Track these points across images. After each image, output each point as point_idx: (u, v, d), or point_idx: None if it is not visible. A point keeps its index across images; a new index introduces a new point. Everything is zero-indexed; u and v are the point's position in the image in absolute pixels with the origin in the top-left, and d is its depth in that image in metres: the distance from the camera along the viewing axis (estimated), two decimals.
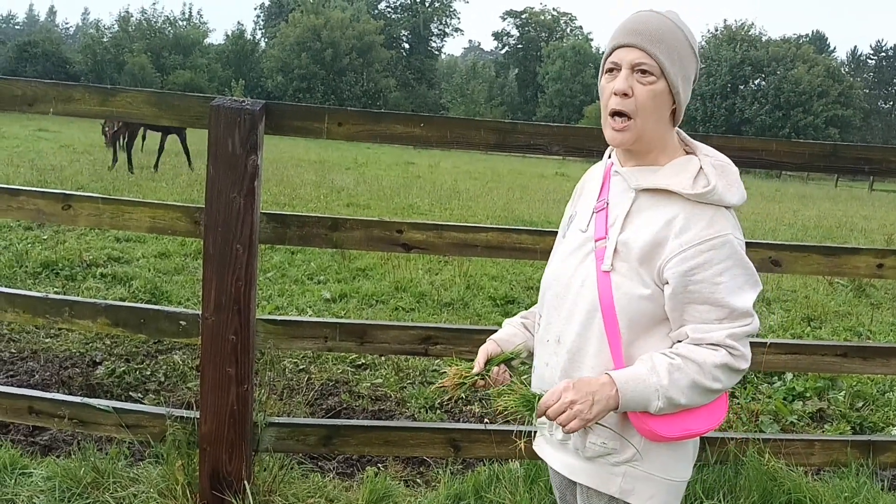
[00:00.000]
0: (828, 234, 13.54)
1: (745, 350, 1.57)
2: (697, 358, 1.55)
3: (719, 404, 1.65)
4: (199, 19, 74.94)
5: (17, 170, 12.75)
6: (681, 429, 1.59)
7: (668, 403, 1.55)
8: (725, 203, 1.59)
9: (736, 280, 1.56)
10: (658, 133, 1.63)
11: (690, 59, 1.62)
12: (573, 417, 1.54)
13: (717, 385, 1.55)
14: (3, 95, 2.72)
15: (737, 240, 1.58)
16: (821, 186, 38.30)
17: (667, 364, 1.55)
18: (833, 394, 4.64)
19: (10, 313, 2.87)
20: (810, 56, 64.32)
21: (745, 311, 1.56)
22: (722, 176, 1.60)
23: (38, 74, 53.39)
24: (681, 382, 1.54)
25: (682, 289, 1.56)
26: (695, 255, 1.54)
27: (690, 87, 1.65)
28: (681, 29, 1.60)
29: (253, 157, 2.55)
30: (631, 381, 1.55)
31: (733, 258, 1.56)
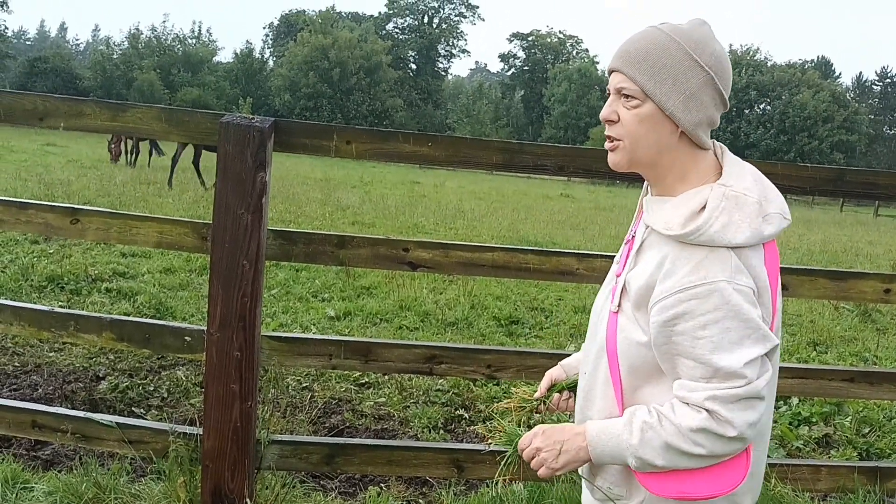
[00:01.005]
0: (833, 258, 13.51)
1: (730, 415, 1.35)
2: (675, 419, 1.39)
3: (730, 469, 1.43)
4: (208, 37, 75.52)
5: (25, 184, 12.81)
6: (675, 490, 1.44)
7: (643, 463, 1.42)
8: (722, 243, 1.36)
9: (727, 335, 1.34)
10: (663, 159, 1.47)
11: (689, 71, 1.41)
12: (540, 465, 1.51)
13: (698, 450, 1.38)
14: (15, 110, 2.74)
15: (733, 287, 1.35)
16: (826, 211, 38.26)
17: (642, 421, 1.42)
18: (839, 419, 4.60)
19: (15, 326, 2.87)
20: (815, 81, 64.59)
21: (733, 372, 1.35)
22: (729, 211, 1.38)
23: (47, 90, 53.82)
24: (653, 443, 1.40)
25: (664, 340, 1.40)
26: (674, 304, 1.37)
27: (702, 103, 1.43)
28: (677, 41, 1.42)
29: (261, 173, 2.56)
30: (603, 435, 1.47)
31: (723, 309, 1.34)
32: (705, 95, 1.43)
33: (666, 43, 1.42)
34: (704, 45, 1.43)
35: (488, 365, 2.85)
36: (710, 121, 1.46)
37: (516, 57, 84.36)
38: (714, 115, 1.46)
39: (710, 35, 1.45)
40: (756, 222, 1.39)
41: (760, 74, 65.49)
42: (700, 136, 1.46)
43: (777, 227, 1.42)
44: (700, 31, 1.44)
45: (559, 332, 6.36)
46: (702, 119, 1.44)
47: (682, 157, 1.47)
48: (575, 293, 7.93)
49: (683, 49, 1.41)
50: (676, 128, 1.44)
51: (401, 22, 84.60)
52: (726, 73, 1.45)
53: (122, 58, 66.88)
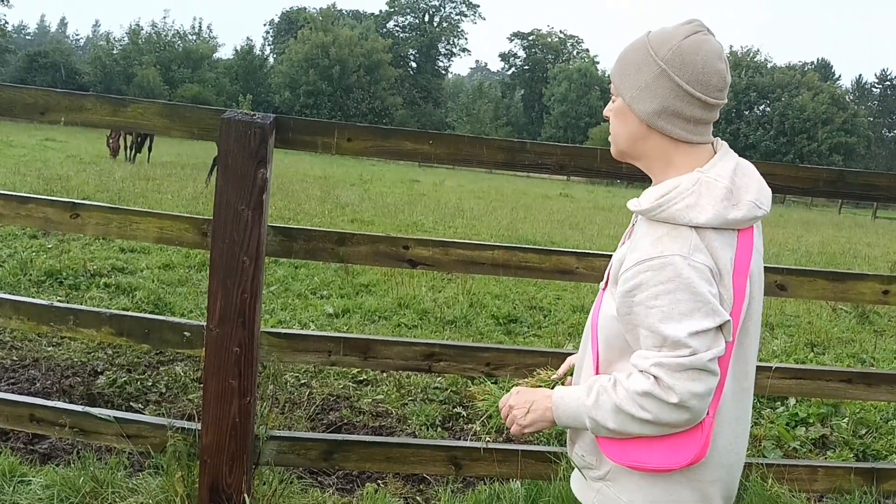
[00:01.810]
0: (831, 260, 13.53)
1: (673, 382, 1.41)
2: (626, 383, 1.47)
3: (683, 443, 1.49)
4: (208, 34, 75.67)
5: (24, 178, 12.81)
6: (628, 458, 1.52)
7: (597, 425, 1.50)
8: (682, 222, 1.45)
9: (677, 305, 1.41)
10: (639, 149, 1.58)
11: (645, 66, 1.51)
12: (512, 421, 1.66)
13: (644, 415, 1.44)
14: (16, 104, 2.74)
15: (688, 263, 1.42)
16: (824, 213, 38.32)
17: (599, 386, 1.51)
18: (836, 420, 4.61)
19: (14, 320, 2.87)
20: (815, 83, 64.66)
21: (678, 341, 1.41)
22: (699, 194, 1.47)
23: (47, 84, 53.75)
24: (606, 405, 1.48)
25: (626, 310, 1.49)
26: (634, 275, 1.46)
27: (654, 94, 1.51)
28: (645, 40, 1.53)
29: (262, 170, 2.56)
30: (566, 398, 1.58)
31: (675, 282, 1.41)
32: (659, 87, 1.50)
33: (637, 43, 1.55)
34: (666, 42, 1.50)
35: (487, 363, 2.86)
36: (675, 111, 1.51)
37: (517, 56, 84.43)
38: (679, 106, 1.50)
39: (684, 32, 1.50)
40: (720, 206, 1.46)
41: (760, 76, 65.54)
42: (665, 126, 1.53)
43: (745, 214, 1.48)
44: (676, 29, 1.52)
45: (558, 331, 6.37)
46: (658, 109, 1.51)
47: (659, 148, 1.56)
48: (574, 292, 7.94)
49: (645, 46, 1.52)
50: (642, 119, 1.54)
51: (401, 20, 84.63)
52: (689, 67, 1.49)
53: (122, 53, 66.87)
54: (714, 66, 1.49)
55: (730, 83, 1.55)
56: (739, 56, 68.65)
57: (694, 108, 1.50)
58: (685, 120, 1.52)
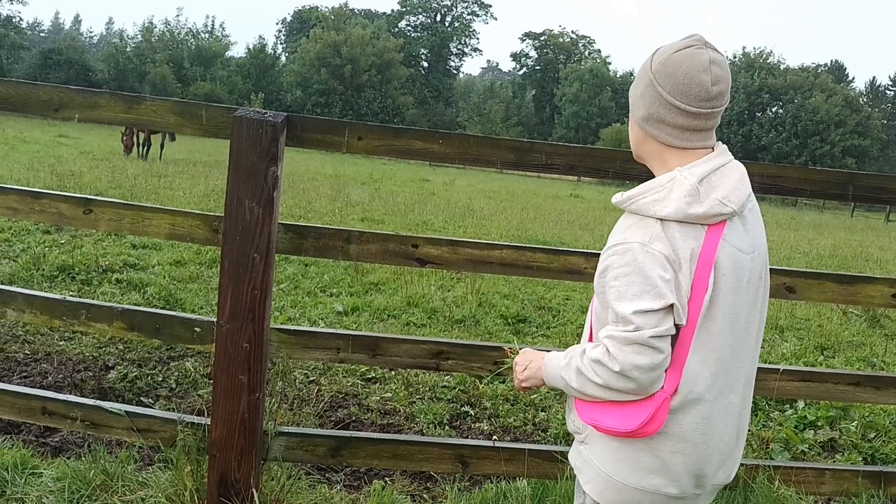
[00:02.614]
0: (843, 263, 13.46)
1: (617, 352, 1.58)
2: (589, 350, 1.66)
3: (634, 411, 1.65)
4: (221, 32, 75.87)
5: (37, 174, 12.90)
6: (590, 416, 1.72)
7: (566, 384, 1.72)
8: (647, 213, 1.63)
9: (630, 287, 1.59)
10: (643, 152, 1.79)
11: (641, 77, 1.72)
12: (514, 377, 1.94)
13: (597, 379, 1.62)
14: (31, 100, 2.77)
15: (646, 250, 1.59)
16: (836, 216, 38.09)
17: (572, 352, 1.72)
18: (845, 424, 4.59)
19: (27, 314, 2.90)
20: (828, 85, 64.24)
21: (625, 317, 1.58)
22: (668, 189, 1.63)
23: (61, 81, 54.10)
24: (571, 367, 1.69)
25: (601, 290, 1.68)
26: (604, 258, 1.67)
27: (645, 101, 1.70)
28: (651, 55, 1.71)
29: (273, 168, 2.58)
30: (552, 360, 1.79)
31: (632, 265, 1.59)
32: (647, 96, 1.70)
33: (645, 60, 1.73)
34: (660, 55, 1.68)
35: (495, 362, 2.87)
36: (659, 118, 1.69)
37: (528, 56, 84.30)
38: (662, 113, 1.68)
39: (677, 46, 1.66)
40: (682, 201, 1.61)
41: (773, 77, 65.19)
42: (651, 130, 1.71)
43: (706, 209, 1.61)
44: (672, 44, 1.68)
45: (566, 331, 6.37)
46: (645, 115, 1.71)
47: (654, 150, 1.75)
48: (583, 293, 7.93)
49: (647, 61, 1.71)
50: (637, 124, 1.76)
51: (413, 20, 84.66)
52: (670, 78, 1.64)
53: (136, 51, 67.21)
54: (696, 77, 1.62)
55: (721, 92, 1.66)
56: (752, 57, 68.30)
57: (676, 115, 1.66)
58: (670, 126, 1.68)
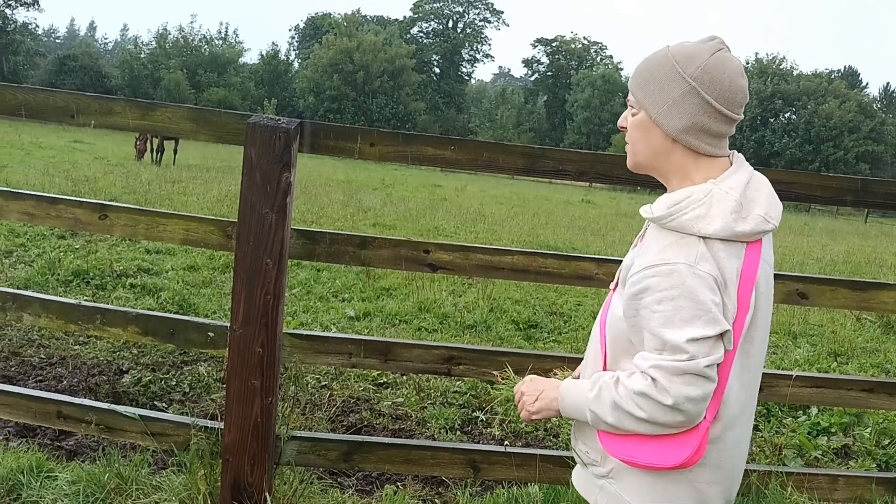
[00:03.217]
0: (857, 269, 13.36)
1: (669, 384, 1.46)
2: (626, 381, 1.53)
3: (677, 444, 1.53)
4: (234, 38, 76.23)
5: (53, 179, 13.02)
6: (623, 452, 1.57)
7: (596, 418, 1.57)
8: (690, 231, 1.50)
9: (679, 312, 1.46)
10: (660, 162, 1.63)
11: (674, 82, 1.55)
12: (521, 408, 1.74)
13: (640, 413, 1.49)
14: (48, 107, 2.81)
15: (693, 271, 1.47)
16: (850, 222, 37.84)
17: (602, 381, 1.58)
18: (859, 430, 4.57)
19: (43, 318, 2.94)
20: (842, 91, 63.87)
21: (677, 346, 1.46)
22: (709, 205, 1.51)
23: (76, 87, 54.58)
24: (605, 400, 1.55)
25: (633, 312, 1.55)
26: (640, 279, 1.52)
27: (683, 110, 1.55)
28: (669, 56, 1.57)
29: (286, 174, 2.60)
30: (572, 389, 1.66)
31: (679, 289, 1.46)
32: (688, 104, 1.55)
33: (661, 58, 1.59)
34: (693, 59, 1.55)
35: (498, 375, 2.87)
36: (702, 127, 1.56)
37: (540, 62, 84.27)
38: (706, 122, 1.56)
39: (708, 49, 1.56)
40: (729, 218, 1.50)
41: (786, 83, 64.90)
42: (691, 141, 1.58)
43: (753, 227, 1.52)
44: (699, 46, 1.57)
45: (577, 337, 6.36)
46: (686, 125, 1.56)
47: (680, 161, 1.61)
48: (594, 298, 7.92)
49: (671, 63, 1.56)
50: (667, 134, 1.59)
51: (425, 26, 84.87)
52: (717, 84, 1.54)
53: (150, 57, 67.70)
54: (738, 83, 1.55)
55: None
56: (765, 63, 68.02)
57: (720, 123, 1.56)
58: (711, 135, 1.57)
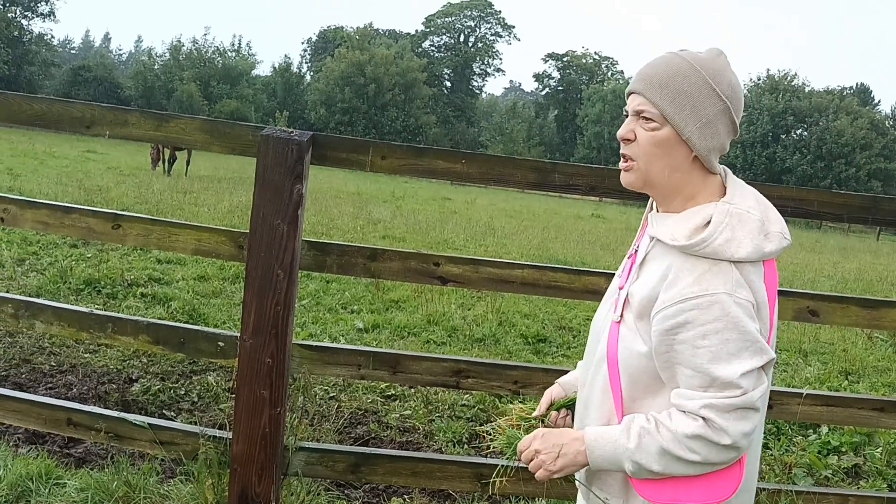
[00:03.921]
0: (868, 287, 13.29)
1: (725, 423, 1.40)
2: (671, 425, 1.44)
3: (723, 478, 1.47)
4: (247, 51, 76.71)
5: (66, 189, 13.11)
6: (668, 497, 1.48)
7: (639, 468, 1.46)
8: (724, 257, 1.42)
9: (726, 345, 1.39)
10: (675, 181, 1.53)
11: (708, 100, 1.47)
12: (538, 467, 1.56)
13: (693, 457, 1.42)
14: (63, 117, 2.84)
15: (734, 300, 1.40)
16: (862, 239, 37.62)
17: (639, 427, 1.47)
18: (869, 450, 4.53)
19: (55, 326, 2.96)
20: (854, 108, 63.66)
21: (729, 382, 1.39)
22: (733, 227, 1.44)
23: (90, 98, 55.00)
24: (650, 448, 1.44)
25: (666, 348, 1.45)
26: (676, 313, 1.42)
27: (716, 131, 1.49)
28: (697, 69, 1.48)
29: (298, 185, 2.62)
30: (601, 440, 1.51)
31: (723, 321, 1.39)
32: (720, 123, 1.50)
33: (686, 70, 1.49)
34: (722, 75, 1.50)
35: (514, 381, 2.87)
36: (722, 147, 1.53)
37: (551, 77, 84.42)
38: (726, 142, 1.53)
39: (726, 65, 1.52)
40: (758, 239, 1.45)
41: (798, 100, 64.74)
42: (712, 161, 1.53)
43: (777, 246, 1.48)
44: (718, 60, 1.52)
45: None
46: (715, 145, 1.51)
47: (693, 180, 1.54)
48: None
49: (703, 77, 1.48)
50: (690, 152, 1.51)
51: (437, 40, 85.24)
52: (740, 103, 1.52)
53: (164, 69, 68.19)
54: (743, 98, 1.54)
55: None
56: (777, 79, 67.92)
57: (730, 142, 1.55)
58: (723, 153, 1.55)
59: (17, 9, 61.58)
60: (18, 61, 59.78)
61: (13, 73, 58.20)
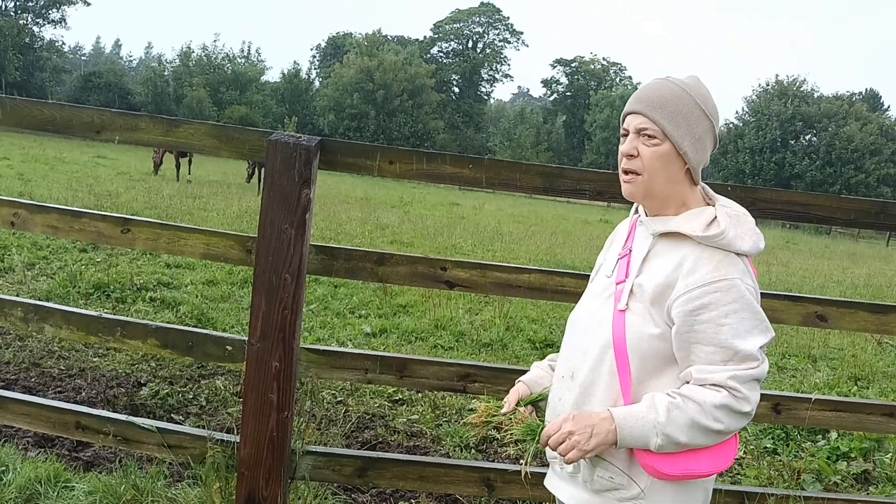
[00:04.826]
0: (878, 293, 13.21)
1: (748, 393, 1.59)
2: (698, 397, 1.59)
3: (726, 448, 1.67)
4: (257, 57, 77.05)
5: (76, 194, 13.19)
6: (682, 468, 1.62)
7: (668, 441, 1.59)
8: (735, 249, 1.65)
9: (743, 323, 1.60)
10: (672, 190, 1.73)
11: (699, 119, 1.70)
12: (571, 447, 1.63)
13: (718, 426, 1.58)
14: (74, 122, 2.86)
15: (745, 285, 1.62)
16: (871, 245, 37.43)
17: (666, 402, 1.60)
18: (879, 455, 4.51)
19: (65, 330, 2.97)
20: (863, 114, 63.41)
21: (749, 354, 1.59)
22: (736, 225, 1.67)
23: (101, 104, 55.32)
24: (679, 421, 1.58)
25: (687, 328, 1.62)
26: (700, 295, 1.61)
27: (705, 146, 1.72)
28: (688, 93, 1.70)
29: (306, 190, 2.63)
30: (629, 418, 1.62)
31: (740, 302, 1.60)
32: (707, 139, 1.74)
33: (680, 94, 1.71)
34: (707, 98, 1.73)
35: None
36: (706, 161, 1.77)
37: (559, 83, 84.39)
38: (709, 156, 1.77)
39: (708, 89, 1.76)
40: (755, 237, 1.70)
41: (807, 105, 64.54)
42: (698, 172, 1.75)
43: (763, 245, 1.71)
44: (702, 86, 1.75)
45: None
46: (703, 159, 1.74)
47: (684, 190, 1.76)
48: None
49: (693, 100, 1.71)
50: (684, 164, 1.72)
51: (445, 46, 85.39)
52: (718, 122, 1.77)
53: (174, 75, 68.56)
54: None
55: None
56: (785, 85, 67.70)
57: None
58: (705, 166, 1.77)
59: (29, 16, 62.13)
60: (30, 67, 60.26)
61: (24, 80, 58.68)
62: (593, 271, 2.00)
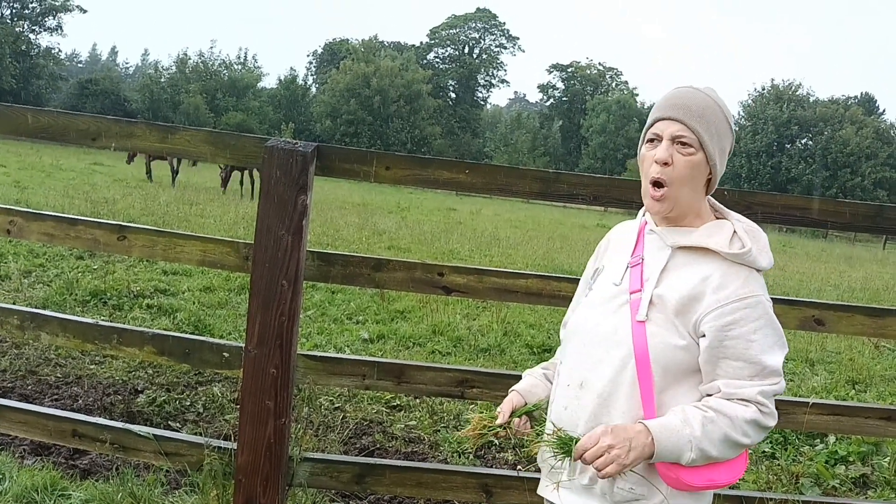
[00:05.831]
0: (874, 296, 13.23)
1: (773, 408, 1.64)
2: (729, 412, 1.61)
3: (741, 459, 1.71)
4: (253, 63, 77.05)
5: (72, 201, 13.16)
6: (705, 479, 1.64)
7: (701, 455, 1.60)
8: (758, 266, 1.69)
9: (767, 339, 1.64)
10: (692, 200, 1.75)
11: (727, 133, 1.74)
12: (611, 462, 1.58)
13: (746, 440, 1.62)
14: (69, 130, 2.86)
15: (768, 301, 1.68)
16: (868, 248, 37.49)
17: (700, 417, 1.61)
18: (877, 459, 4.50)
19: (61, 338, 2.97)
20: (859, 117, 63.61)
21: (775, 370, 1.64)
22: (754, 240, 1.70)
23: (97, 111, 55.35)
24: (713, 435, 1.60)
25: (717, 343, 1.64)
26: (732, 311, 1.63)
27: (726, 159, 1.77)
28: (719, 106, 1.73)
29: (303, 196, 2.63)
30: (665, 431, 1.61)
31: (765, 318, 1.65)
32: (727, 153, 1.78)
33: (713, 106, 1.73)
34: (729, 112, 1.77)
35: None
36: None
37: (555, 88, 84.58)
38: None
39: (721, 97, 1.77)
40: (770, 253, 1.73)
41: (802, 109, 64.75)
42: (716, 185, 1.79)
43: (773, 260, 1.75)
44: (722, 99, 1.76)
45: None
46: (723, 170, 1.77)
47: (701, 200, 1.78)
48: None
49: (723, 113, 1.74)
50: (707, 176, 1.74)
51: (442, 52, 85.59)
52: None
53: (170, 81, 68.57)
54: None
55: None
56: (781, 89, 67.91)
57: None
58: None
59: (25, 23, 62.12)
60: (26, 75, 60.17)
61: (21, 87, 58.59)
62: (585, 276, 1.98)
